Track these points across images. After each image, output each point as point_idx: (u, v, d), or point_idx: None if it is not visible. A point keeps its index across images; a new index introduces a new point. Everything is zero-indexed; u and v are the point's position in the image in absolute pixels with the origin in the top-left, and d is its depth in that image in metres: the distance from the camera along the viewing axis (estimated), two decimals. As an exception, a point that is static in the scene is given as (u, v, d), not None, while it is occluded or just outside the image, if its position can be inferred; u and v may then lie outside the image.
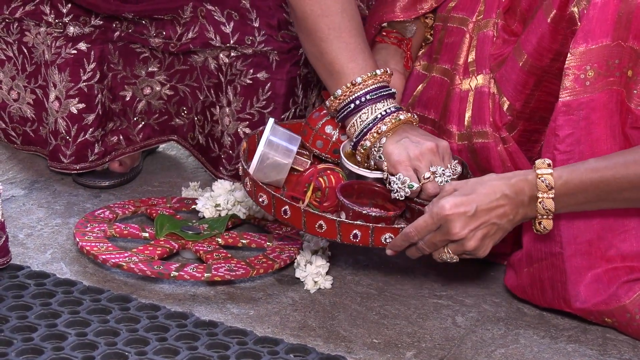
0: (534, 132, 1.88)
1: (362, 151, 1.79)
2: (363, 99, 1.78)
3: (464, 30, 1.92)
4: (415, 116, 1.81)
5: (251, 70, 2.12)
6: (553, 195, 1.64)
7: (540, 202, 1.65)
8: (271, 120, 1.80)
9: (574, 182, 1.65)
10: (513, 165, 1.87)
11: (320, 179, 1.79)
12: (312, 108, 2.16)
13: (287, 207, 1.70)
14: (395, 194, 1.74)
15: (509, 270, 1.88)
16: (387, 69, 1.81)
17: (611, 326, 1.81)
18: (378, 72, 1.79)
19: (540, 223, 1.68)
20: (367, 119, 1.78)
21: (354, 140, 1.80)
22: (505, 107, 1.86)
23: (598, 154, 1.73)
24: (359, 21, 1.83)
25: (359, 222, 1.66)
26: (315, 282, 1.89)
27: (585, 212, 1.76)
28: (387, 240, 1.67)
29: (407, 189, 1.73)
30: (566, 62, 1.72)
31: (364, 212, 1.67)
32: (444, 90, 1.94)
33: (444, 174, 1.74)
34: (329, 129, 1.85)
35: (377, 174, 1.79)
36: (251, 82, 2.12)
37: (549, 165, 1.66)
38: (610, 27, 1.71)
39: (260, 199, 1.72)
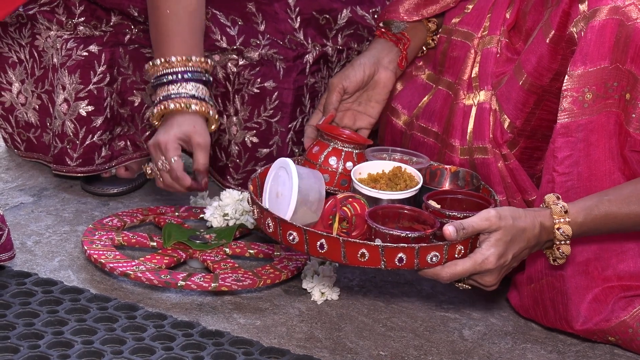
0: (536, 150, 1.88)
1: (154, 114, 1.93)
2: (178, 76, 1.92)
3: (469, 45, 1.93)
4: (193, 106, 1.92)
5: (259, 80, 2.13)
6: (569, 242, 1.67)
7: (558, 249, 1.68)
8: (289, 161, 1.72)
9: (588, 225, 1.67)
10: (514, 182, 1.87)
11: (345, 208, 1.72)
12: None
13: (323, 240, 1.61)
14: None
15: (512, 289, 1.88)
16: (205, 59, 1.95)
17: (616, 344, 1.81)
18: (194, 58, 1.93)
19: (555, 260, 1.71)
20: (173, 90, 1.91)
21: (156, 92, 1.94)
22: (506, 124, 1.86)
23: (596, 175, 1.74)
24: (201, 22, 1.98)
25: (403, 245, 1.59)
26: (322, 293, 1.88)
27: None
28: (434, 260, 1.60)
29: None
30: (564, 83, 1.73)
31: (402, 235, 1.62)
32: (448, 104, 1.94)
33: (162, 167, 1.90)
34: (332, 160, 1.82)
35: (392, 195, 1.75)
36: (258, 91, 2.13)
37: (565, 212, 1.65)
38: (608, 50, 1.71)
39: (290, 237, 1.63)
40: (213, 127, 1.96)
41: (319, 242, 1.61)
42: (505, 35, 1.90)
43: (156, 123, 1.93)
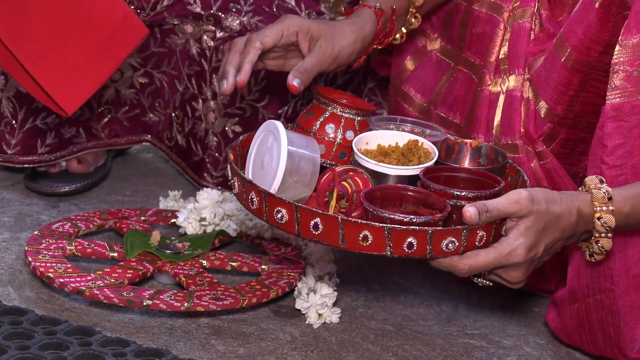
0: (580, 142, 1.84)
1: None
2: None
3: (497, 20, 1.90)
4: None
5: (241, 56, 2.17)
6: (611, 235, 1.64)
7: (597, 242, 1.65)
8: (278, 123, 1.71)
9: (635, 217, 1.63)
10: (551, 185, 1.84)
11: (345, 183, 1.69)
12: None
13: (318, 219, 1.57)
14: None
15: (552, 309, 1.86)
16: None
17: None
18: None
19: (592, 255, 1.67)
20: None
21: None
22: (544, 112, 1.83)
23: None
24: None
25: (414, 228, 1.56)
26: (320, 314, 1.86)
27: (639, 237, 1.74)
28: (450, 248, 1.57)
29: None
30: (614, 56, 1.69)
31: (405, 219, 1.58)
32: (471, 90, 1.92)
33: None
34: (329, 128, 1.79)
35: (400, 171, 1.72)
36: (241, 69, 2.19)
37: (608, 199, 1.62)
38: None
39: (278, 215, 1.60)
40: None
41: (312, 222, 1.58)
42: (544, 7, 1.87)
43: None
